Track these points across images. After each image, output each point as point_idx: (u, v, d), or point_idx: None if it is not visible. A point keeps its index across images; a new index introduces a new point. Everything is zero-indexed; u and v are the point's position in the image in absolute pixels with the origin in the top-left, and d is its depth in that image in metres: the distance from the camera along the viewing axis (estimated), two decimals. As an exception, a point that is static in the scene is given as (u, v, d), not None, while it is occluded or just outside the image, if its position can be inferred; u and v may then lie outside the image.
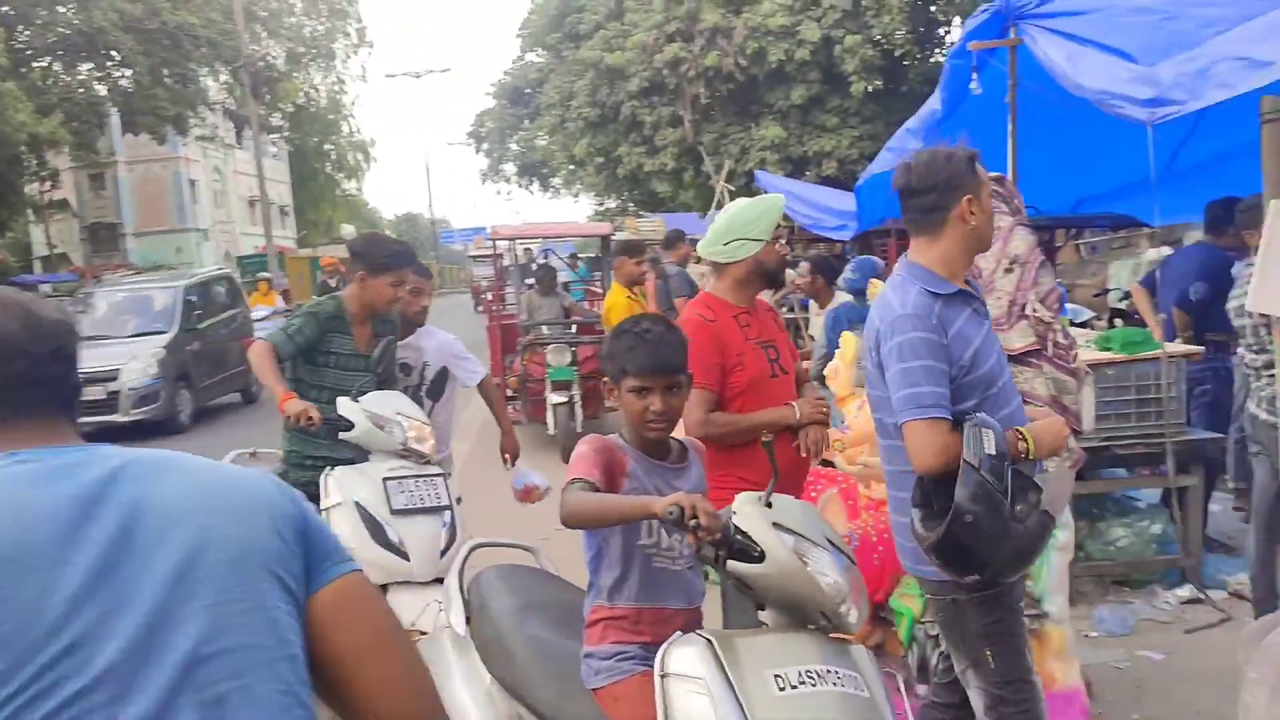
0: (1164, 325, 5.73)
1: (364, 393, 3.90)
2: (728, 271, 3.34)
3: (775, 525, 2.03)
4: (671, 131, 19.70)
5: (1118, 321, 6.14)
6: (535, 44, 25.54)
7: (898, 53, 17.80)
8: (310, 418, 3.59)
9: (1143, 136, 5.87)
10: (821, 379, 5.84)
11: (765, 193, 13.29)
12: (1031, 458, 2.59)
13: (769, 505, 2.06)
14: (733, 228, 3.24)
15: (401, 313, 4.21)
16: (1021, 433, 2.60)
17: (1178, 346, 5.20)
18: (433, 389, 4.28)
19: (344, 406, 3.76)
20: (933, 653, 3.65)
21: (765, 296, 8.38)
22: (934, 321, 2.57)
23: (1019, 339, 3.54)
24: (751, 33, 18.35)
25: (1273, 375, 4.38)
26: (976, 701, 2.72)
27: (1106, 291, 10.65)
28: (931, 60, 20.12)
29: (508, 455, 4.66)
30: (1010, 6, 5.69)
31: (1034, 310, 3.56)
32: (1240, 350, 4.61)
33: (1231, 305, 4.51)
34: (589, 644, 2.32)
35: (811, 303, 6.89)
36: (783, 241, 3.50)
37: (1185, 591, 5.12)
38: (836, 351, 4.38)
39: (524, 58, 28.49)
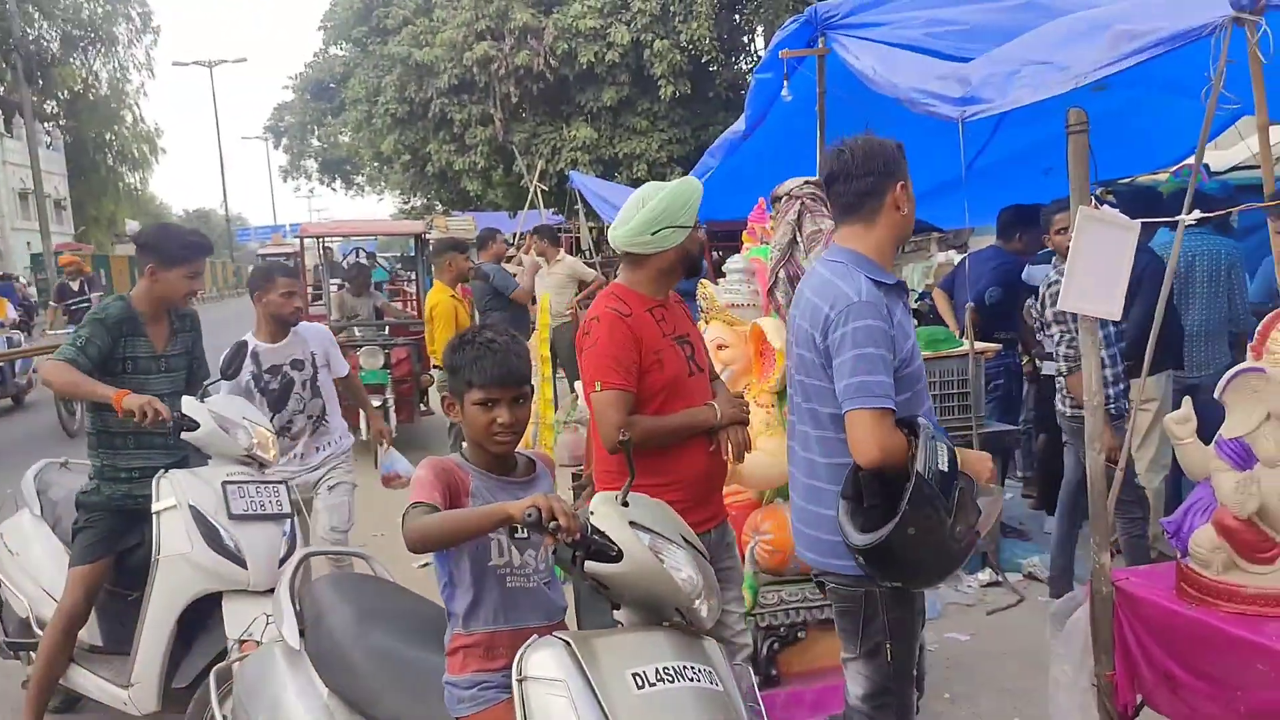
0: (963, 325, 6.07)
1: (208, 394, 3.81)
2: (648, 262, 3.11)
3: (632, 524, 2.03)
4: (482, 130, 19.50)
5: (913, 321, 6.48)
6: (339, 37, 24.79)
7: (704, 59, 18.19)
8: (158, 411, 3.36)
9: (942, 145, 6.19)
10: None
11: (579, 193, 13.39)
12: None
13: (625, 504, 2.06)
14: (662, 215, 3.00)
15: (276, 314, 4.42)
16: (952, 450, 2.56)
17: (978, 344, 5.51)
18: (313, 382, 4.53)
19: (189, 405, 3.59)
20: (763, 644, 3.76)
21: (563, 295, 8.07)
22: (884, 311, 2.54)
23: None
24: (562, 33, 18.38)
25: (1075, 370, 4.73)
26: (856, 688, 2.76)
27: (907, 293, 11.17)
28: (736, 67, 20.70)
29: (384, 439, 4.94)
30: (818, 17, 5.87)
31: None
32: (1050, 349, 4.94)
33: (1049, 306, 4.80)
34: (450, 673, 2.26)
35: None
36: (700, 229, 3.37)
37: (985, 575, 5.44)
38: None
39: (327, 51, 27.60)
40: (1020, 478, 7.25)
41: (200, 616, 3.49)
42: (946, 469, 2.38)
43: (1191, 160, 7.53)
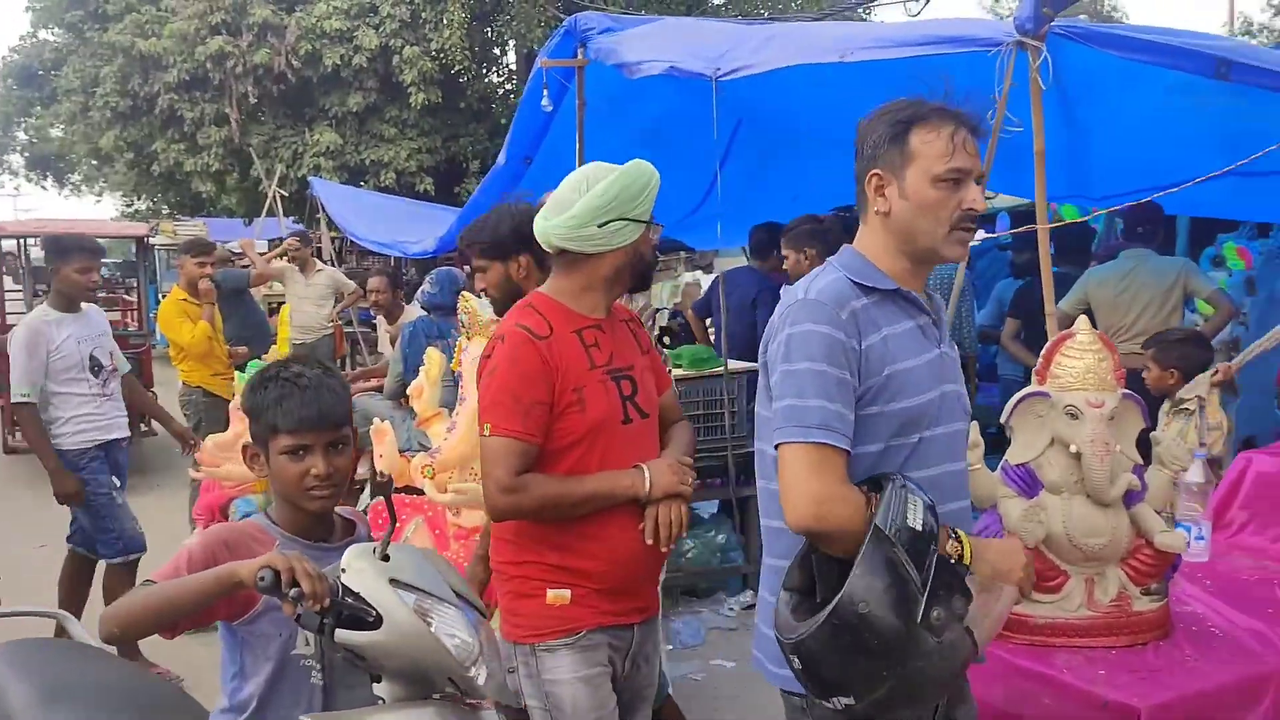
0: (718, 344, 6.03)
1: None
2: (587, 266, 2.42)
3: (393, 582, 1.71)
4: (216, 130, 18.17)
5: (665, 340, 6.46)
6: (49, 20, 22.54)
7: (455, 68, 17.76)
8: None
9: (696, 167, 6.21)
10: (403, 397, 5.50)
11: (322, 201, 12.70)
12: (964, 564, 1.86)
13: (385, 559, 1.73)
14: (615, 203, 2.33)
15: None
16: (956, 534, 1.86)
17: (738, 364, 5.47)
18: None
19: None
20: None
21: (323, 307, 7.58)
22: (843, 316, 1.88)
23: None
24: (305, 33, 17.44)
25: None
26: None
27: (657, 311, 11.27)
28: (488, 79, 20.35)
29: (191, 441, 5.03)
30: (579, 29, 5.83)
31: (629, 328, 3.50)
32: None
33: None
34: None
35: (380, 318, 6.52)
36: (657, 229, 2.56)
37: (747, 597, 5.39)
38: (421, 368, 4.09)
39: (35, 34, 25.07)
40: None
41: None
42: (921, 528, 1.74)
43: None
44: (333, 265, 11.68)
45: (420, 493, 3.72)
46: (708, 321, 6.94)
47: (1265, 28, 23.98)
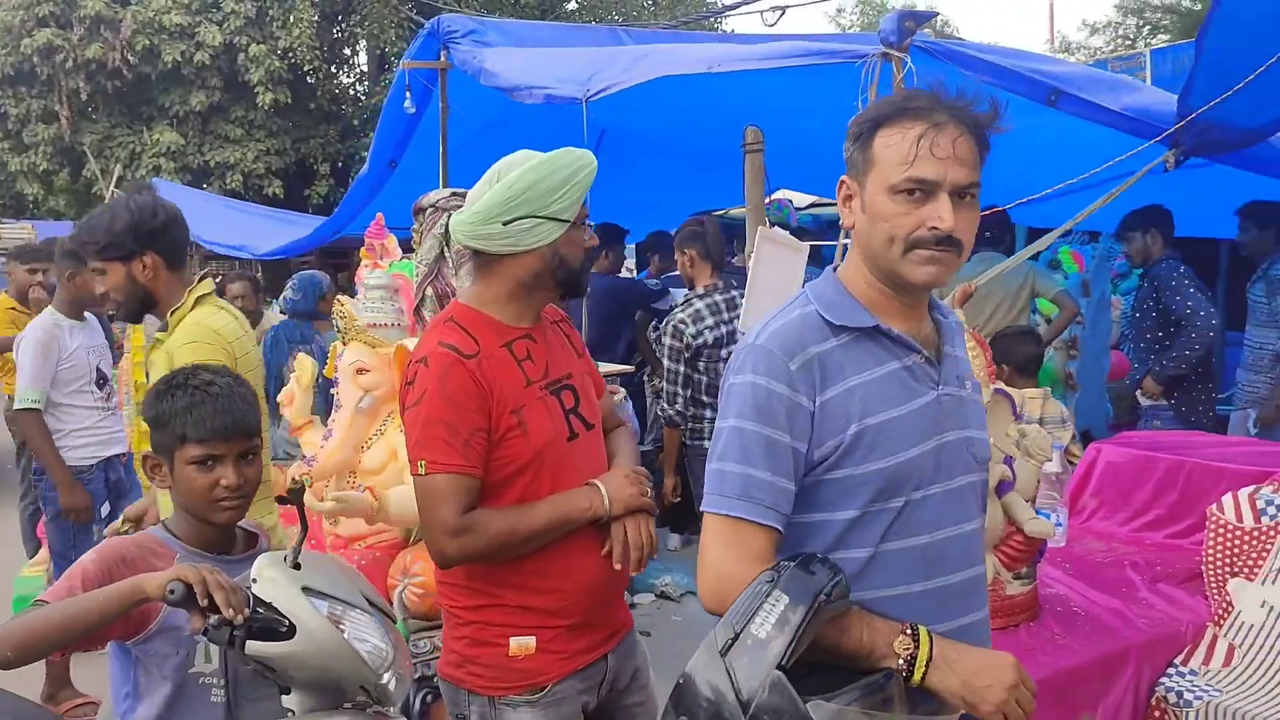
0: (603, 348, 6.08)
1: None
2: (500, 270, 2.17)
3: (305, 590, 1.67)
4: (44, 128, 17.18)
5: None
6: None
7: (305, 68, 17.27)
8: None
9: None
10: (270, 404, 5.34)
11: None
12: (914, 682, 1.51)
13: (297, 567, 1.69)
14: (522, 197, 2.07)
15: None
16: (913, 630, 1.54)
17: (610, 366, 5.51)
18: None
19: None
20: (416, 697, 3.43)
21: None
22: (793, 367, 1.61)
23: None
24: (142, 27, 16.67)
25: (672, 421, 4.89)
26: None
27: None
28: (338, 80, 19.88)
29: None
30: (441, 31, 5.79)
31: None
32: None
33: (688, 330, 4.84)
34: None
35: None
36: (590, 229, 2.25)
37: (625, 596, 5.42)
38: (291, 375, 3.98)
39: None
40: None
41: None
42: (782, 658, 1.38)
43: (779, 195, 8.21)
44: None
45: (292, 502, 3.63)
46: None
47: (1082, 46, 25.47)
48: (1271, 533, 2.89)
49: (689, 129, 6.25)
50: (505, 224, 2.08)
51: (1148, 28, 22.90)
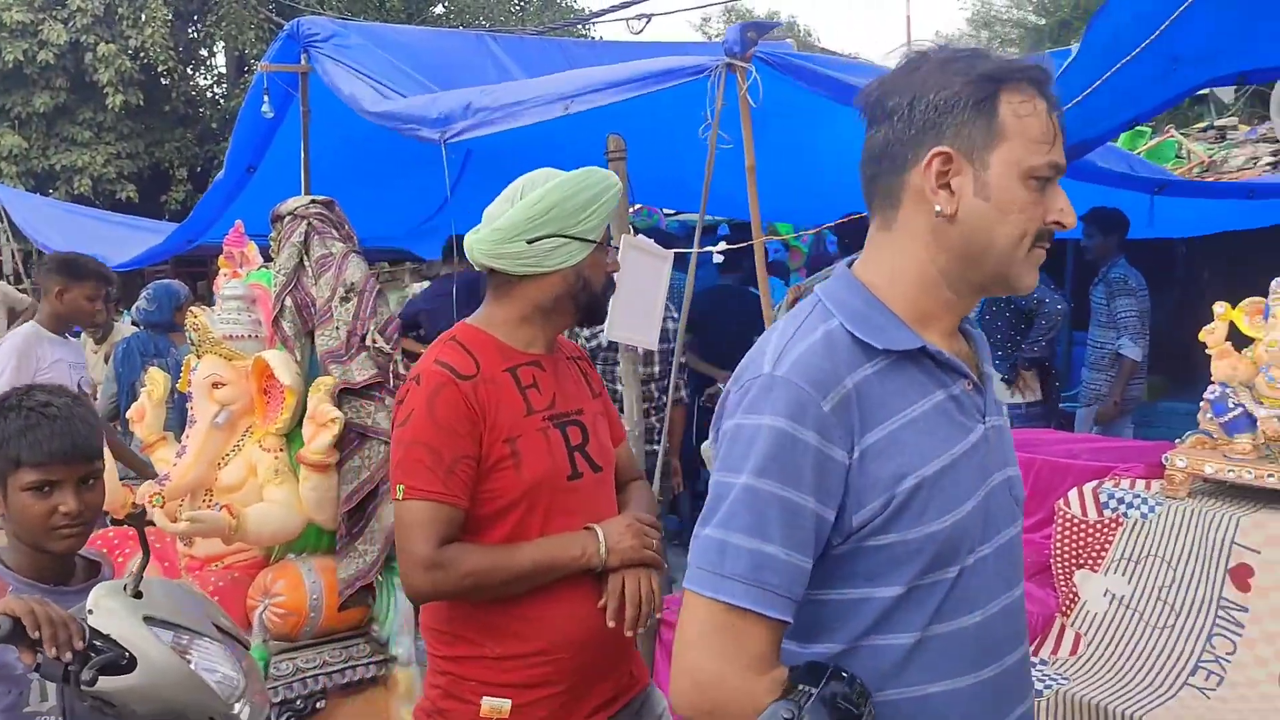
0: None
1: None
2: (519, 292, 2.03)
3: (147, 619, 1.59)
4: (-127, 130, 16.18)
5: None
6: None
7: (158, 69, 16.62)
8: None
9: (423, 174, 6.20)
10: (115, 420, 5.11)
11: (4, 209, 11.55)
12: None
13: (138, 595, 1.61)
14: (550, 215, 1.96)
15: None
16: None
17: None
18: None
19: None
20: (279, 721, 3.33)
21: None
22: (826, 408, 1.24)
23: (360, 371, 3.39)
24: (-21, 25, 15.84)
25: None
26: None
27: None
28: (194, 81, 19.21)
29: None
30: (301, 34, 5.68)
31: (374, 341, 3.44)
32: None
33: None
34: None
35: (87, 335, 6.02)
36: (614, 252, 2.37)
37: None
38: (142, 390, 3.81)
39: None
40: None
41: None
42: None
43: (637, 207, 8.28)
44: (20, 280, 10.65)
45: (132, 525, 3.48)
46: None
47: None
48: (1113, 524, 3.03)
49: (553, 142, 6.24)
50: (529, 243, 1.95)
51: (998, 40, 23.84)
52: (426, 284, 12.76)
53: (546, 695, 1.96)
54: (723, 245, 3.45)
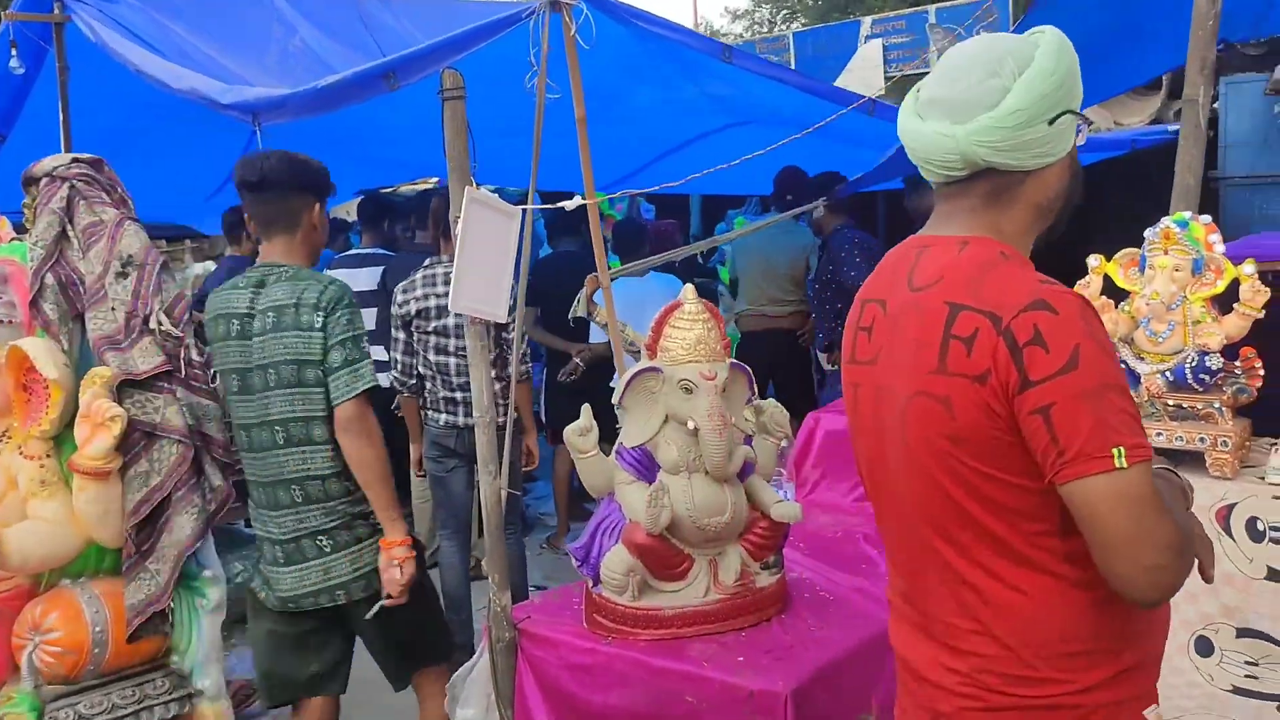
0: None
1: None
2: (1023, 193, 1.54)
3: None
4: None
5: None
6: None
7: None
8: None
9: (221, 144, 5.59)
10: None
11: None
12: None
13: None
14: (1066, 87, 1.50)
15: None
16: None
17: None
18: None
19: None
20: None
21: None
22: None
23: (143, 359, 2.87)
24: None
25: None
26: None
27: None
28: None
29: None
30: None
31: (160, 323, 2.92)
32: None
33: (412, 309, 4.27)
34: None
35: None
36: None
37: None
38: None
39: None
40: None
41: None
42: None
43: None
44: None
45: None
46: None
47: (726, 31, 26.52)
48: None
49: (375, 118, 5.69)
50: (1050, 123, 1.49)
51: (784, 12, 24.40)
52: (209, 263, 11.85)
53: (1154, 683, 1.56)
54: (578, 200, 3.06)
